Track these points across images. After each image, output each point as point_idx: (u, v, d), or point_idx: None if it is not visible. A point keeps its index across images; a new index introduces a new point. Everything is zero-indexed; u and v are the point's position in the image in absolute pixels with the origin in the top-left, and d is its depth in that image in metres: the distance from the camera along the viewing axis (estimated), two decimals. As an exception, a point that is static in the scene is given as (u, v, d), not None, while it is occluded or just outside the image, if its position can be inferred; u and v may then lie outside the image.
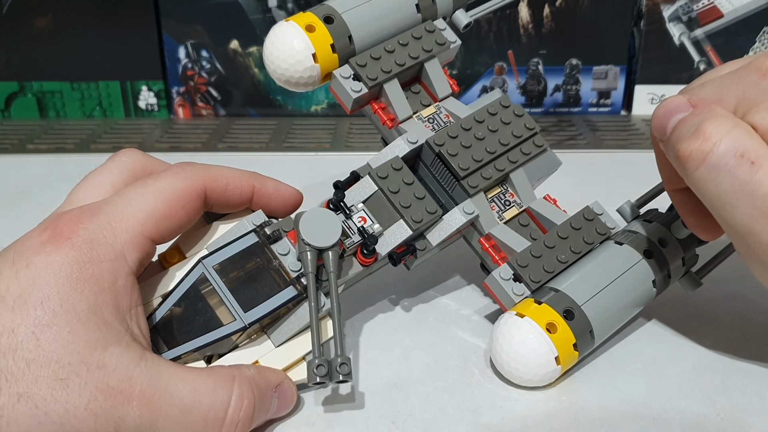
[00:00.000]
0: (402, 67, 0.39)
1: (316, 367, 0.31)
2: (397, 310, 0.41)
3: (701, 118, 0.30)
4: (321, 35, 0.38)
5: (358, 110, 0.40)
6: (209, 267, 0.33)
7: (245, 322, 0.32)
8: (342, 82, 0.38)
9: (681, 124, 0.31)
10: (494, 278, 0.36)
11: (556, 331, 0.34)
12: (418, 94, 0.42)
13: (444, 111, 0.41)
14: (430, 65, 0.41)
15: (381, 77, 0.39)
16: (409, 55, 0.40)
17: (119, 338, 0.28)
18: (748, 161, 0.28)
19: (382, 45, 0.40)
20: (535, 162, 0.40)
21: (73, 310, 0.27)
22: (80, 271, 0.28)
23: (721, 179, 0.29)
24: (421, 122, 0.40)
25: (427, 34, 0.40)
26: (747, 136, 0.29)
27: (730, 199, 0.29)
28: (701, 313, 0.41)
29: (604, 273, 0.36)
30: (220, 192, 0.34)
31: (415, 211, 0.36)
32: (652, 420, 0.33)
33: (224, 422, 0.29)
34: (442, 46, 0.41)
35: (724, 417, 0.33)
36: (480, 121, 0.39)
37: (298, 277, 0.33)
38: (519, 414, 0.33)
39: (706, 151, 0.29)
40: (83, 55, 0.71)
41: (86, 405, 0.27)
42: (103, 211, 0.30)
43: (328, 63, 0.38)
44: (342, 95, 0.39)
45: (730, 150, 0.29)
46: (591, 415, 0.33)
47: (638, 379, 0.35)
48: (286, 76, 0.38)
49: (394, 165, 0.37)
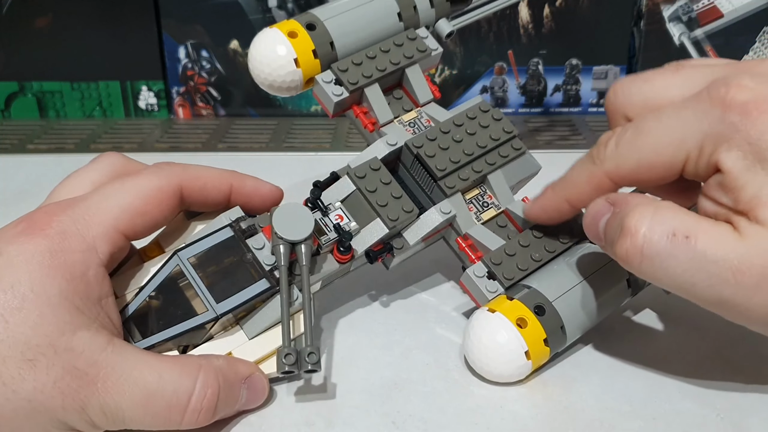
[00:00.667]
0: (383, 73, 0.40)
1: (285, 356, 0.31)
2: (397, 310, 0.41)
3: (622, 215, 0.29)
4: (303, 41, 0.39)
5: (341, 114, 0.41)
6: (184, 259, 0.33)
7: (217, 313, 0.32)
8: (324, 87, 0.39)
9: (607, 227, 0.30)
10: (468, 276, 0.37)
11: (527, 326, 0.34)
12: (401, 99, 0.42)
13: (425, 116, 0.42)
14: (411, 71, 0.42)
15: (362, 82, 0.40)
16: (390, 61, 0.41)
17: (88, 324, 0.29)
18: (682, 237, 0.28)
19: (364, 51, 0.41)
20: (514, 165, 0.40)
21: (43, 295, 0.28)
22: (52, 259, 0.29)
23: (667, 265, 0.28)
24: (402, 126, 0.41)
25: (409, 42, 0.41)
26: (671, 213, 0.28)
27: (686, 278, 0.28)
28: (701, 313, 0.40)
29: (577, 271, 0.37)
30: (197, 191, 0.35)
31: (392, 209, 0.37)
32: (652, 420, 0.33)
33: (187, 409, 0.30)
34: (423, 53, 0.42)
35: (724, 417, 0.33)
36: (459, 124, 0.40)
37: (271, 270, 0.34)
38: (519, 414, 0.33)
39: (639, 246, 0.28)
40: (83, 55, 0.71)
41: (54, 383, 0.28)
42: (78, 205, 0.31)
43: (310, 68, 0.39)
44: (324, 99, 0.40)
45: (661, 235, 0.28)
46: (591, 415, 0.33)
47: (638, 379, 0.35)
48: (269, 81, 0.39)
49: (372, 165, 0.38)
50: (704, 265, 0.27)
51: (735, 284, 0.27)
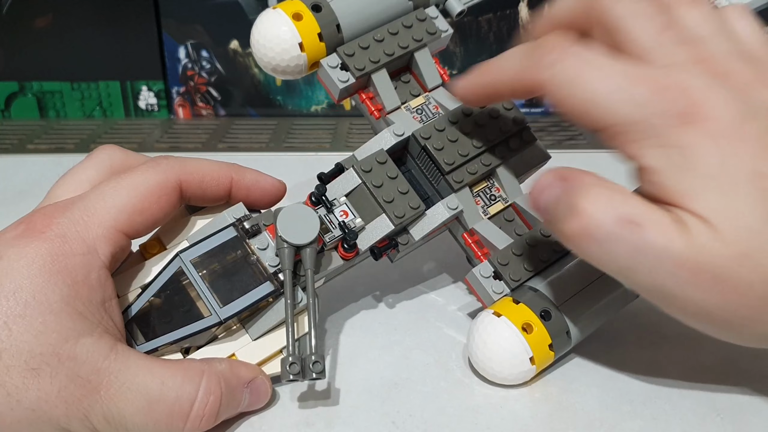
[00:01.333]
0: (391, 57, 0.39)
1: (289, 365, 0.31)
2: (397, 310, 0.41)
3: (574, 195, 0.28)
4: (308, 24, 0.38)
5: (346, 98, 0.40)
6: (186, 261, 0.33)
7: (220, 317, 0.32)
8: (329, 72, 0.38)
9: (556, 204, 0.29)
10: (474, 275, 0.36)
11: (532, 332, 0.34)
12: (408, 83, 0.41)
13: (433, 102, 0.41)
14: (420, 55, 0.40)
15: (369, 67, 0.39)
16: (398, 45, 0.40)
17: (91, 330, 0.29)
18: (633, 225, 0.27)
19: (371, 34, 0.39)
20: (523, 156, 0.40)
21: (45, 301, 0.28)
22: (53, 263, 0.29)
23: (613, 250, 0.28)
24: (409, 113, 0.40)
25: (418, 23, 0.40)
26: (624, 199, 0.28)
27: (629, 264, 0.28)
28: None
29: (585, 274, 0.36)
30: (196, 185, 0.34)
31: (398, 206, 0.36)
32: (652, 420, 0.33)
33: (189, 416, 0.30)
34: (432, 35, 0.40)
35: (724, 417, 0.33)
36: (468, 114, 0.39)
37: (275, 272, 0.33)
38: (519, 414, 0.33)
39: (591, 228, 0.28)
40: (83, 55, 0.71)
41: (58, 392, 0.27)
42: (76, 206, 0.31)
43: (314, 52, 0.38)
44: (329, 84, 0.39)
45: (613, 220, 0.27)
46: (591, 415, 0.33)
47: (638, 379, 0.35)
48: (273, 65, 0.38)
49: (378, 158, 0.37)
50: (648, 255, 0.27)
51: (674, 276, 0.27)
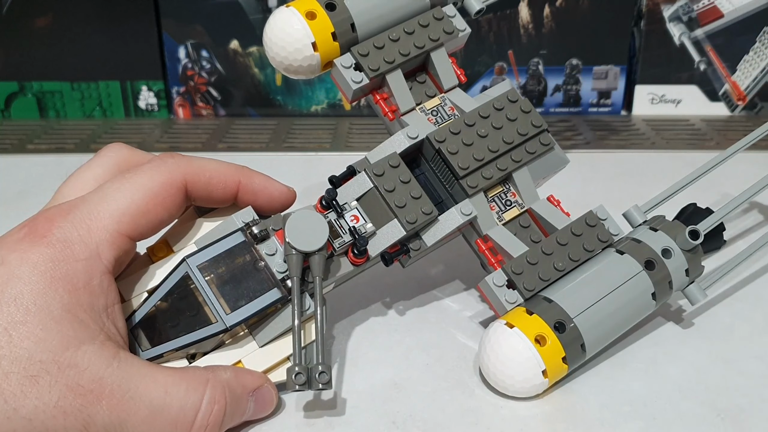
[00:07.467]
0: (406, 58, 0.38)
1: (295, 375, 0.30)
2: (397, 310, 0.41)
3: None
4: (322, 23, 0.37)
5: (360, 98, 0.39)
6: (193, 266, 0.32)
7: (227, 325, 0.31)
8: (343, 72, 0.37)
9: None
10: (487, 284, 0.35)
11: (546, 345, 0.33)
12: (424, 83, 0.40)
13: (449, 103, 0.39)
14: (437, 55, 0.39)
15: (383, 68, 0.38)
16: (414, 45, 0.38)
17: (93, 337, 0.28)
18: None
19: (387, 33, 0.38)
20: (541, 161, 0.38)
21: (46, 308, 0.27)
22: (54, 269, 0.28)
23: None
24: (423, 115, 0.39)
25: (435, 22, 0.39)
26: None
27: None
28: (701, 313, 0.41)
29: (601, 284, 0.35)
30: (202, 186, 0.33)
31: (410, 211, 0.35)
32: (652, 420, 0.33)
33: (193, 426, 0.29)
34: (450, 34, 0.39)
35: (724, 417, 0.33)
36: (485, 116, 0.37)
37: (283, 279, 0.33)
38: (519, 414, 0.33)
39: None
40: (83, 55, 0.71)
41: (56, 402, 0.27)
42: (78, 209, 0.30)
43: (328, 52, 0.37)
44: (343, 85, 0.38)
45: None
46: (591, 415, 0.33)
47: (638, 379, 0.35)
48: (285, 64, 0.38)
49: (391, 162, 0.36)
50: None
51: None
